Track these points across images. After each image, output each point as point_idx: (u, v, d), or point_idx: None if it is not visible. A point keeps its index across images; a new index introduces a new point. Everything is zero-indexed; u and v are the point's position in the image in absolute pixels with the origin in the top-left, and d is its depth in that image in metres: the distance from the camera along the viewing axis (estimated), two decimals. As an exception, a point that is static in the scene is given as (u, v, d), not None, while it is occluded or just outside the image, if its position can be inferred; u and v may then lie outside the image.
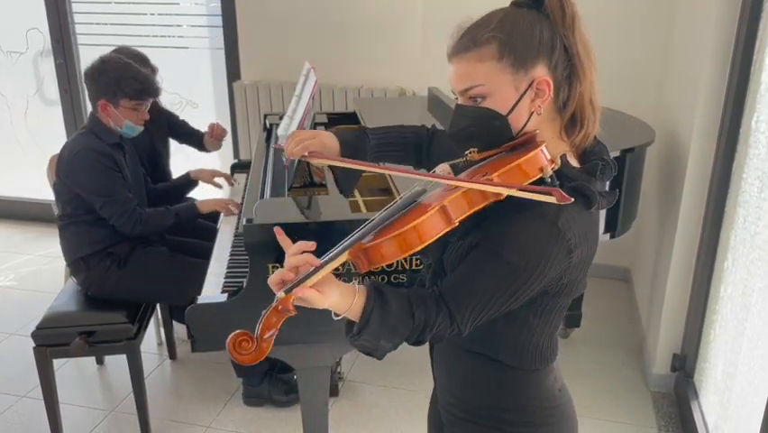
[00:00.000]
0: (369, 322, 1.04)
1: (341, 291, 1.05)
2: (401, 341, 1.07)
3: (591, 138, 1.14)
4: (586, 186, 1.06)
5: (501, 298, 1.05)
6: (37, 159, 3.53)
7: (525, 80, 1.07)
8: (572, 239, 1.04)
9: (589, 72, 1.09)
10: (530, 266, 1.03)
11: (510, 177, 1.01)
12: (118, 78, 2.40)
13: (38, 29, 4.24)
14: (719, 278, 2.40)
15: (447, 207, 1.00)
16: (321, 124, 2.84)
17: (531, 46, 1.06)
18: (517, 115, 1.08)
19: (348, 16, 3.66)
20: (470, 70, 1.08)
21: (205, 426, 2.63)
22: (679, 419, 2.62)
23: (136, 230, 2.42)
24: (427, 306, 1.06)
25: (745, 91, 2.24)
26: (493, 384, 1.21)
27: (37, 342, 2.36)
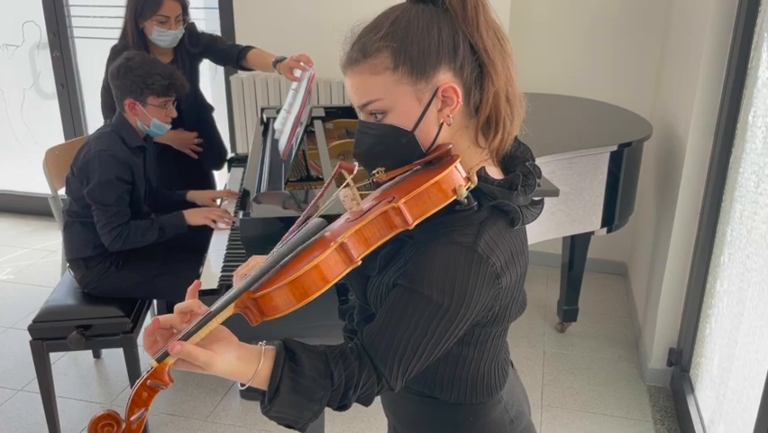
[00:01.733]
0: (278, 390, 0.89)
1: (239, 354, 0.89)
2: (321, 408, 0.92)
3: (511, 139, 1.02)
4: (506, 203, 0.94)
5: (430, 342, 0.93)
6: (33, 152, 3.53)
7: (428, 90, 0.94)
8: (498, 263, 0.92)
9: (502, 68, 0.96)
10: (454, 301, 0.91)
11: (420, 202, 0.89)
12: (144, 74, 2.35)
13: (34, 21, 4.22)
14: (716, 273, 2.40)
15: (347, 243, 0.87)
16: (318, 117, 2.83)
17: (429, 50, 0.93)
18: (425, 128, 0.96)
19: (346, 10, 3.64)
20: (364, 84, 0.96)
21: (202, 419, 2.63)
22: (675, 414, 2.63)
23: (115, 244, 2.36)
24: (348, 363, 0.92)
25: (742, 86, 2.24)
26: (436, 423, 1.12)
27: (34, 335, 2.35)
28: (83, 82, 4.18)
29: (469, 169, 0.96)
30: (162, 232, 2.43)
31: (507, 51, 0.97)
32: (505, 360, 1.13)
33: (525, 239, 1.03)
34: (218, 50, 3.00)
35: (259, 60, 2.95)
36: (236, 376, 0.91)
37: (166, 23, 2.73)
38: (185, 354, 0.85)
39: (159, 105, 2.40)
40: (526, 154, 1.04)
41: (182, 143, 2.98)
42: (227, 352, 0.89)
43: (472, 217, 0.94)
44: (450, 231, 0.93)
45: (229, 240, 2.29)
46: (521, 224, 0.97)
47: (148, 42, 2.77)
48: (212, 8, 3.91)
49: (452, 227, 0.93)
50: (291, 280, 0.85)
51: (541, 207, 1.03)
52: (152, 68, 2.39)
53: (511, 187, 0.95)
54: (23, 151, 4.49)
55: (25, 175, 4.36)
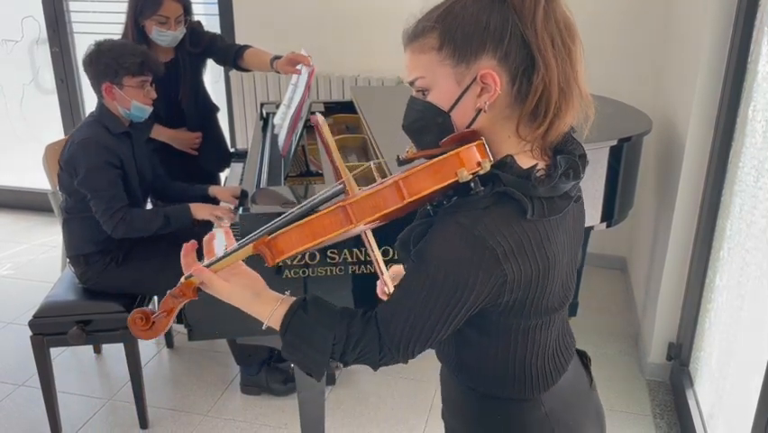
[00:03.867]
0: (286, 332, 1.02)
1: (259, 293, 1.06)
2: (324, 356, 1.01)
3: (559, 134, 1.00)
4: (513, 191, 0.94)
5: (431, 318, 0.96)
6: (33, 148, 3.52)
7: (469, 74, 0.96)
8: (499, 248, 0.92)
9: (558, 63, 0.95)
10: (449, 278, 0.94)
11: (418, 180, 0.94)
12: (116, 55, 2.34)
13: (33, 17, 4.22)
14: (715, 267, 2.41)
15: (347, 207, 0.97)
16: (318, 112, 2.83)
17: (473, 36, 0.94)
18: (461, 111, 0.98)
19: (345, 4, 3.64)
20: (413, 61, 1.01)
21: (202, 414, 2.64)
22: (674, 408, 2.64)
23: (119, 230, 2.33)
24: (352, 324, 1.01)
25: (741, 81, 2.24)
26: (472, 409, 1.14)
27: (34, 331, 2.36)
28: (82, 77, 4.17)
29: (500, 156, 0.98)
30: (168, 221, 2.39)
31: (571, 48, 0.97)
32: (552, 363, 1.10)
33: (547, 234, 0.98)
34: (217, 49, 2.97)
35: (255, 60, 2.91)
36: (253, 311, 1.06)
37: (166, 23, 2.72)
38: (203, 277, 1.05)
39: (135, 85, 2.38)
40: (573, 149, 1.03)
41: (184, 143, 2.97)
42: (245, 287, 1.06)
43: (479, 201, 0.95)
44: (456, 212, 0.96)
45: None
46: (539, 215, 0.96)
47: (149, 41, 2.77)
48: (211, 3, 3.91)
49: (459, 209, 0.96)
50: (297, 225, 1.00)
51: (569, 202, 1.02)
52: (123, 48, 2.38)
53: (527, 177, 0.96)
54: (23, 146, 4.49)
55: (25, 170, 4.36)
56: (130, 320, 1.09)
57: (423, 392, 2.73)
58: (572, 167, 0.99)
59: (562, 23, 0.96)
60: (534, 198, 0.95)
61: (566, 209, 1.01)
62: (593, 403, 1.23)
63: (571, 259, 1.08)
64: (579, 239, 1.11)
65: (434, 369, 1.21)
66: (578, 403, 1.17)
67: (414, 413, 2.63)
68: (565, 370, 1.14)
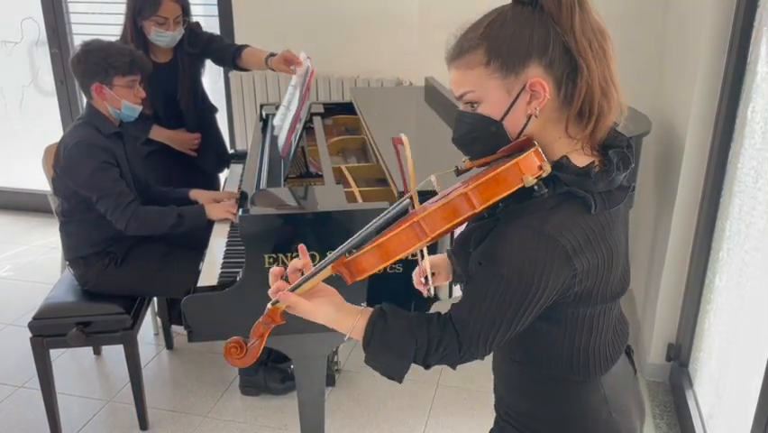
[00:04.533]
0: (370, 343, 1.09)
1: (340, 308, 1.13)
2: (407, 362, 1.09)
3: (605, 129, 1.07)
4: (576, 189, 1.02)
5: (507, 316, 1.03)
6: (33, 149, 3.52)
7: (518, 83, 1.02)
8: (568, 245, 1.00)
9: (597, 65, 1.02)
10: (525, 278, 1.00)
11: (486, 189, 1.00)
12: (105, 55, 2.32)
13: (32, 18, 4.21)
14: (714, 268, 2.41)
15: (421, 222, 1.02)
16: (317, 114, 2.83)
17: (519, 48, 1.01)
18: (514, 119, 1.04)
19: (345, 6, 3.64)
20: (461, 77, 1.06)
21: (202, 415, 2.64)
22: (674, 408, 2.64)
23: (131, 226, 2.32)
24: (431, 328, 1.08)
25: (740, 82, 2.24)
26: (530, 392, 1.20)
27: (34, 332, 2.36)
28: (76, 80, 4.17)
29: (554, 158, 1.04)
30: (181, 220, 2.37)
31: (606, 50, 1.04)
32: (611, 345, 1.17)
33: (609, 225, 1.06)
34: (215, 49, 2.97)
35: (252, 59, 2.91)
36: (337, 326, 1.13)
37: (164, 23, 2.72)
38: (289, 302, 1.11)
39: (125, 84, 2.36)
40: (622, 142, 1.09)
41: (182, 144, 2.97)
42: (327, 305, 1.13)
43: (544, 203, 1.01)
44: (522, 215, 1.02)
45: (228, 236, 2.29)
46: (601, 209, 1.03)
47: (147, 41, 2.77)
48: (211, 4, 3.91)
49: (524, 212, 1.02)
50: (375, 246, 1.05)
51: (626, 192, 1.08)
52: (112, 48, 2.37)
53: (587, 174, 1.02)
54: (22, 147, 4.49)
55: (24, 172, 4.35)
56: (225, 351, 1.15)
57: (423, 394, 2.73)
58: (623, 159, 1.06)
59: (595, 27, 1.03)
60: (595, 193, 1.02)
61: (624, 200, 1.08)
62: (637, 389, 1.30)
63: (625, 244, 1.15)
64: (626, 223, 1.17)
65: (433, 370, 1.21)
66: (627, 389, 1.23)
67: (414, 414, 2.63)
68: (622, 352, 1.21)
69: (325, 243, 1.78)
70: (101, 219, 2.36)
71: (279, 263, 1.79)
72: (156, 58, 2.83)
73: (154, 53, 2.82)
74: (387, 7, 3.58)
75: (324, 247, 1.79)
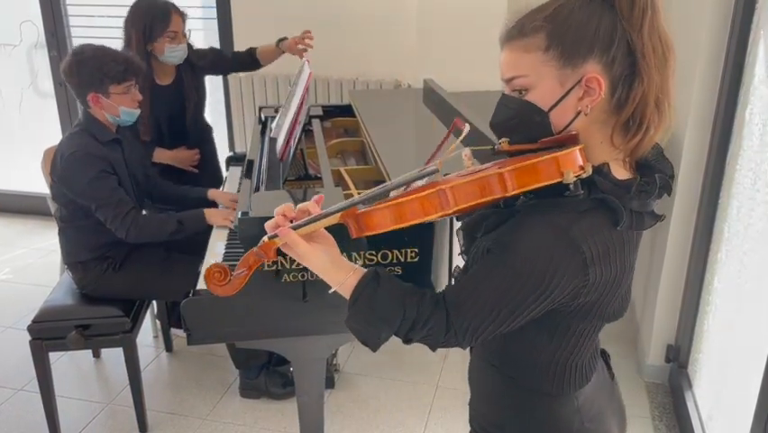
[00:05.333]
0: (357, 301, 1.03)
1: (334, 260, 1.07)
2: (390, 331, 1.03)
3: (649, 147, 1.03)
4: (612, 200, 0.97)
5: (505, 309, 0.98)
6: (32, 152, 3.52)
7: (573, 76, 0.97)
8: (588, 252, 0.95)
9: (657, 75, 0.98)
10: (536, 275, 0.95)
11: (524, 175, 0.95)
12: (99, 64, 2.29)
13: (31, 21, 4.22)
14: (713, 269, 2.41)
15: (446, 191, 0.96)
16: (316, 116, 2.83)
17: (583, 40, 0.96)
18: (561, 112, 0.99)
19: (343, 8, 3.64)
20: (515, 60, 1.00)
21: (201, 418, 2.64)
22: (673, 410, 2.64)
23: (131, 234, 2.31)
24: (423, 303, 1.02)
25: (738, 84, 2.25)
26: (505, 402, 1.17)
27: (33, 335, 2.36)
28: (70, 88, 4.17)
29: (593, 162, 0.98)
30: (181, 226, 2.36)
31: (668, 62, 1.00)
32: (589, 363, 1.14)
33: (631, 246, 1.03)
34: (228, 59, 3.09)
35: (267, 52, 3.09)
36: (327, 276, 1.07)
37: (176, 37, 2.76)
38: (288, 239, 1.05)
39: (121, 92, 2.34)
40: (664, 168, 1.06)
41: (185, 162, 2.99)
42: (324, 253, 1.07)
43: (577, 204, 0.97)
44: (550, 211, 0.97)
45: (227, 239, 2.29)
46: (628, 227, 0.99)
47: (150, 66, 2.77)
48: (210, 7, 3.91)
49: (553, 208, 0.97)
50: (393, 204, 0.98)
51: (656, 220, 1.04)
52: (105, 56, 2.32)
53: (627, 189, 0.98)
54: (21, 150, 4.49)
55: (23, 174, 4.35)
56: (207, 274, 1.08)
57: (422, 396, 2.73)
58: (665, 186, 1.03)
59: (663, 36, 0.99)
60: (627, 209, 0.98)
61: (651, 225, 1.03)
62: (615, 396, 1.28)
63: (632, 270, 1.11)
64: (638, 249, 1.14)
65: (433, 372, 1.22)
66: (601, 396, 1.21)
67: (413, 416, 2.63)
68: (595, 370, 1.18)
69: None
70: (99, 225, 2.36)
71: (278, 266, 1.79)
72: (159, 80, 2.86)
73: (158, 76, 2.84)
74: (385, 10, 3.59)
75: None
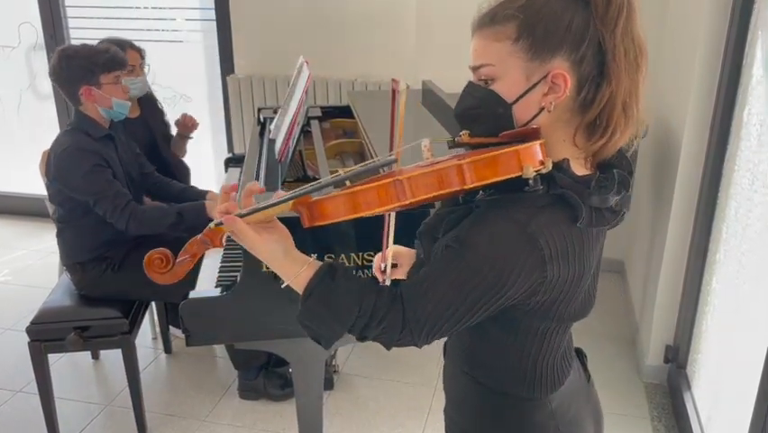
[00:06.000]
0: (310, 296, 0.99)
1: (288, 252, 1.02)
2: (343, 328, 0.99)
3: (613, 151, 1.01)
4: (571, 195, 0.95)
5: (462, 305, 0.95)
6: (30, 153, 3.53)
7: (540, 71, 0.95)
8: (546, 250, 0.93)
9: (627, 78, 0.95)
10: (493, 271, 0.93)
11: (483, 167, 0.92)
12: (86, 56, 2.33)
13: (30, 23, 4.22)
14: (711, 270, 2.41)
15: (404, 182, 0.92)
16: (315, 117, 2.83)
17: (553, 34, 0.94)
18: (525, 106, 0.97)
19: (342, 9, 3.65)
20: (484, 48, 0.98)
21: (200, 419, 2.64)
22: (672, 410, 2.64)
23: (131, 226, 2.32)
24: (379, 298, 0.97)
25: (736, 84, 2.25)
26: (479, 408, 1.14)
27: (32, 337, 2.36)
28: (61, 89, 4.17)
29: (553, 159, 0.96)
30: (181, 218, 2.36)
31: (640, 67, 0.97)
32: (561, 365, 1.12)
33: (592, 243, 1.01)
34: None
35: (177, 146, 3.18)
36: (279, 269, 1.02)
37: (133, 71, 2.83)
38: (234, 227, 0.99)
39: (112, 81, 2.38)
40: (623, 165, 1.03)
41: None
42: (275, 243, 1.01)
43: (536, 200, 0.95)
44: (509, 206, 0.95)
45: (226, 239, 2.29)
46: (587, 223, 0.97)
47: None
48: (208, 8, 3.92)
49: (512, 204, 0.95)
50: (348, 192, 0.94)
51: (615, 216, 1.02)
52: (91, 48, 2.39)
53: (585, 184, 0.96)
54: (20, 152, 4.49)
55: (22, 176, 4.35)
56: (147, 259, 1.02)
57: (421, 397, 2.73)
58: (623, 181, 1.00)
59: (636, 39, 0.96)
60: (586, 205, 0.96)
61: (613, 223, 1.02)
62: (591, 398, 1.25)
63: (597, 270, 1.09)
64: (601, 251, 1.11)
65: (432, 373, 1.22)
66: (577, 399, 1.18)
67: (412, 418, 2.63)
68: (570, 372, 1.16)
69: (323, 246, 1.78)
70: (97, 225, 2.36)
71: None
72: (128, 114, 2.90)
73: None
74: (384, 11, 3.59)
75: (322, 250, 1.79)
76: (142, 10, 4.03)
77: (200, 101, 4.17)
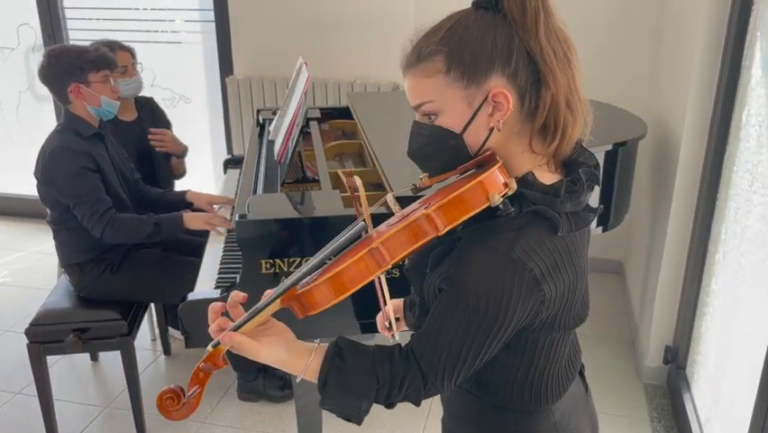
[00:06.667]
0: (326, 383, 0.99)
1: (290, 348, 1.01)
2: (369, 403, 1.00)
3: (570, 147, 1.01)
4: (545, 209, 0.95)
5: (472, 347, 0.95)
6: (29, 155, 3.52)
7: (479, 94, 0.95)
8: (536, 269, 0.93)
9: (563, 75, 0.96)
10: (492, 306, 0.92)
11: (451, 209, 0.92)
12: (74, 54, 2.35)
13: (29, 24, 4.22)
14: (711, 271, 2.41)
15: (379, 248, 0.93)
16: (314, 118, 2.83)
17: (481, 56, 0.94)
18: (474, 131, 0.97)
19: (341, 10, 3.65)
20: (418, 86, 0.98)
21: (200, 421, 2.64)
22: (671, 411, 2.64)
23: (106, 233, 2.31)
24: (393, 364, 0.98)
25: (735, 85, 2.25)
26: (480, 423, 1.14)
27: (31, 339, 2.35)
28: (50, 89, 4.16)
29: (516, 174, 0.98)
30: (158, 229, 2.37)
31: (570, 60, 0.97)
32: (564, 373, 1.12)
33: (576, 247, 1.01)
34: None
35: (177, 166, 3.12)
36: (287, 367, 1.02)
37: (126, 72, 2.82)
38: (232, 342, 0.99)
39: (101, 80, 2.38)
40: (589, 160, 1.04)
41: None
42: (276, 344, 1.00)
43: (511, 223, 0.95)
44: (488, 236, 0.94)
45: (225, 242, 2.29)
46: (567, 230, 0.97)
47: None
48: (207, 10, 3.92)
49: (490, 232, 0.95)
50: (329, 277, 0.94)
51: (594, 214, 1.02)
52: (78, 48, 2.40)
53: (555, 193, 0.96)
54: (19, 153, 4.48)
55: (21, 178, 4.33)
56: (159, 403, 1.02)
57: (420, 398, 2.73)
58: (591, 178, 1.00)
59: (559, 35, 0.97)
60: (562, 213, 0.96)
61: (591, 221, 1.02)
62: (589, 409, 1.25)
63: (586, 268, 1.09)
64: (588, 246, 1.11)
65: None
66: (576, 409, 1.18)
67: (411, 420, 2.63)
68: (574, 379, 1.16)
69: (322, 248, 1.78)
70: None
71: (276, 268, 1.79)
72: (122, 116, 2.89)
73: (119, 111, 2.87)
74: (383, 12, 3.59)
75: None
76: (141, 11, 4.03)
77: (199, 102, 4.17)
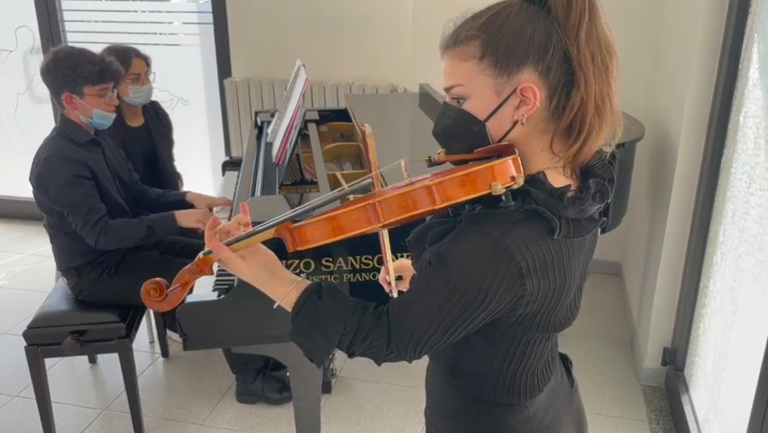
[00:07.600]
0: (298, 315, 1.04)
1: (275, 274, 1.08)
2: (331, 345, 1.03)
3: (591, 153, 1.01)
4: (544, 210, 0.95)
5: (443, 322, 0.97)
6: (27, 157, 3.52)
7: (509, 85, 0.96)
8: (524, 262, 0.93)
9: (596, 81, 0.96)
10: (472, 288, 0.94)
11: (451, 187, 0.94)
12: (74, 64, 2.29)
13: (27, 26, 4.22)
14: (708, 272, 2.42)
15: (377, 205, 0.96)
16: (312, 120, 2.83)
17: (517, 48, 0.94)
18: (498, 121, 0.98)
19: (339, 13, 3.65)
20: (452, 68, 1.00)
21: (198, 423, 2.63)
22: (669, 413, 2.65)
23: (101, 241, 2.30)
24: (365, 316, 1.02)
25: (733, 87, 2.26)
26: (456, 411, 1.15)
27: (29, 341, 2.35)
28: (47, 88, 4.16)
29: (530, 171, 0.99)
30: (151, 231, 2.37)
31: (608, 67, 0.97)
32: (543, 372, 1.13)
33: (578, 253, 1.01)
34: None
35: None
36: (268, 291, 1.08)
37: (138, 79, 2.81)
38: (222, 255, 1.07)
39: (96, 93, 2.33)
40: (605, 173, 1.03)
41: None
42: (262, 267, 1.08)
43: (510, 215, 0.96)
44: (485, 222, 0.96)
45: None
46: (565, 235, 0.97)
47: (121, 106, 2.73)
48: (206, 12, 3.92)
49: (488, 219, 0.96)
50: (325, 217, 0.99)
51: (596, 225, 1.03)
52: (81, 57, 2.33)
53: (559, 197, 0.96)
54: (17, 155, 4.48)
55: (19, 180, 4.33)
56: (143, 290, 1.11)
57: (419, 401, 2.73)
58: (601, 190, 1.00)
59: (602, 40, 0.97)
60: (563, 218, 0.96)
61: (591, 232, 1.02)
62: (574, 404, 1.26)
63: (581, 278, 1.09)
64: (590, 258, 1.11)
65: (430, 377, 1.22)
66: (556, 404, 1.19)
67: (409, 421, 2.63)
68: (550, 381, 1.16)
69: (320, 250, 1.78)
70: None
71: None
72: (130, 122, 2.90)
73: (127, 117, 2.88)
74: (381, 14, 3.59)
75: (319, 255, 1.79)
76: (140, 13, 4.04)
77: (197, 104, 4.17)
